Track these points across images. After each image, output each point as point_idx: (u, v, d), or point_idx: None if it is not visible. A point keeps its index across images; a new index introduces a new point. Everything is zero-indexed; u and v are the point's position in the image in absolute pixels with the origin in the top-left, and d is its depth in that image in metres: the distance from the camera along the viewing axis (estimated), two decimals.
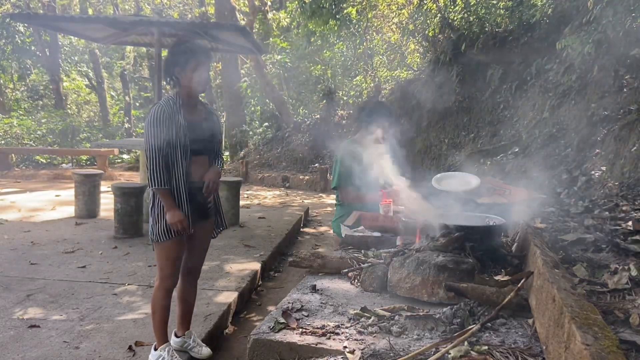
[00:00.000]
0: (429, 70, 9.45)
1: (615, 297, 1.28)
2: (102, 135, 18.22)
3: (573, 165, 4.64)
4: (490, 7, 7.99)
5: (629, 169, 3.66)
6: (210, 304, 3.65)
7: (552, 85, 6.02)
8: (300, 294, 1.63)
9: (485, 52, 7.75)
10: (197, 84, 2.63)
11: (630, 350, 0.97)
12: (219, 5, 13.73)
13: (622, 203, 2.47)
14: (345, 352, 1.20)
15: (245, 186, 10.61)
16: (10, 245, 5.12)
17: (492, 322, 1.35)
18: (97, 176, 6.90)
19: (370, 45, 11.67)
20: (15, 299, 3.65)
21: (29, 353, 2.83)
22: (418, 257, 1.64)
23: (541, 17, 6.73)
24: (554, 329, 1.06)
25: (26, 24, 15.80)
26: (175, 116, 2.57)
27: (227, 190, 6.28)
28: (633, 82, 4.62)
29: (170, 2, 21.31)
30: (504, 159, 6.04)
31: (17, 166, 12.83)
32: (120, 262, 4.67)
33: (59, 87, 18.26)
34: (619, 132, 4.15)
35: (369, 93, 11.81)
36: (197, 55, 2.59)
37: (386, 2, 11.06)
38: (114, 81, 23.80)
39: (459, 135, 8.04)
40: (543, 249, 1.54)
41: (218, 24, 9.08)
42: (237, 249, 5.22)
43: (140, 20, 6.24)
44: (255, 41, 8.09)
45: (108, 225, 5.97)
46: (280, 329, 1.33)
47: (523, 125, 6.38)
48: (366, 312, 1.44)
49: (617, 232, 1.85)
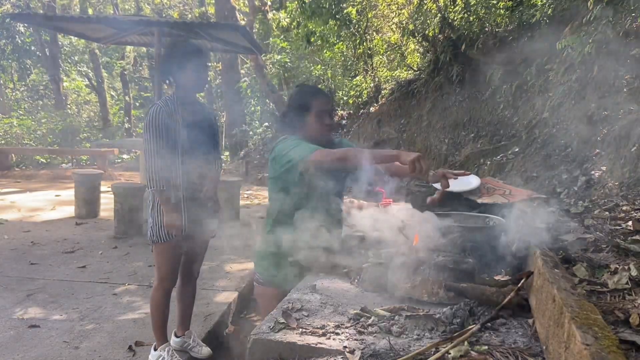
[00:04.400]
0: (429, 70, 9.45)
1: (615, 297, 1.28)
2: (102, 135, 18.23)
3: (573, 165, 4.64)
4: (490, 7, 7.98)
5: (629, 169, 3.66)
6: (210, 304, 3.66)
7: (552, 85, 6.02)
8: (300, 294, 1.63)
9: (485, 52, 7.75)
10: (194, 84, 2.63)
11: (630, 350, 0.97)
12: (219, 5, 13.74)
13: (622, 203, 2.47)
14: (345, 352, 1.20)
15: (245, 186, 10.61)
16: (10, 245, 5.12)
17: (492, 322, 1.35)
18: (97, 176, 6.90)
19: (370, 45, 11.66)
20: (15, 299, 3.65)
21: (29, 353, 2.83)
22: (418, 257, 1.64)
23: (541, 17, 6.72)
24: (554, 329, 1.06)
25: (26, 24, 15.81)
26: (174, 117, 2.57)
27: (227, 190, 6.28)
28: (633, 82, 4.62)
29: (170, 2, 21.30)
30: (504, 159, 6.03)
31: (17, 166, 12.83)
32: (120, 262, 4.67)
33: (59, 87, 18.28)
34: (619, 132, 4.15)
35: (369, 93, 11.81)
36: (193, 55, 2.59)
37: (386, 2, 11.05)
38: (114, 81, 23.80)
39: (459, 135, 8.04)
40: (543, 249, 1.54)
41: (218, 24, 9.09)
42: (237, 249, 5.22)
43: (140, 20, 6.24)
44: (255, 41, 8.09)
45: (108, 225, 5.97)
46: (280, 329, 1.33)
47: (523, 125, 6.38)
48: (366, 312, 1.44)
49: (617, 232, 1.85)
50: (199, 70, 2.60)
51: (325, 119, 2.19)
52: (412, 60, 11.05)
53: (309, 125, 2.18)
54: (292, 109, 2.25)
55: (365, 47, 11.59)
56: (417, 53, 11.04)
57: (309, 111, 2.17)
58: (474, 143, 7.43)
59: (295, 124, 2.21)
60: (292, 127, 2.21)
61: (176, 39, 5.62)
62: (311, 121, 2.17)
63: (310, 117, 2.17)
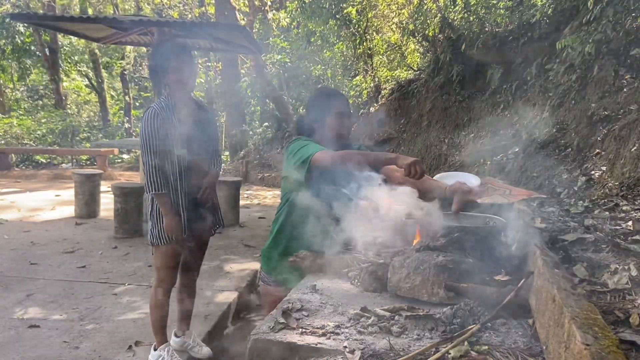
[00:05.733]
0: (429, 70, 9.45)
1: (615, 297, 1.28)
2: (102, 135, 18.23)
3: (573, 165, 4.64)
4: (490, 7, 7.99)
5: (629, 169, 3.66)
6: (210, 304, 3.66)
7: (552, 85, 6.02)
8: (300, 294, 1.63)
9: (485, 52, 7.75)
10: (183, 83, 2.61)
11: (630, 350, 0.97)
12: (219, 5, 13.74)
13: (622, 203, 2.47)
14: (345, 352, 1.20)
15: (245, 186, 10.61)
16: (10, 245, 5.12)
17: (492, 322, 1.35)
18: (97, 176, 6.90)
19: (370, 45, 11.66)
20: (15, 299, 3.65)
21: (29, 353, 2.83)
22: (418, 257, 1.64)
23: (541, 17, 6.73)
24: (554, 329, 1.06)
25: (26, 24, 15.80)
26: (170, 118, 2.56)
27: (227, 190, 6.28)
28: (633, 82, 4.62)
29: (170, 2, 21.29)
30: (504, 159, 6.03)
31: (17, 166, 12.83)
32: (120, 262, 4.67)
33: (59, 87, 18.28)
34: (619, 132, 4.15)
35: (369, 93, 11.81)
36: (177, 54, 2.57)
37: (386, 2, 11.05)
38: (114, 81, 23.81)
39: (459, 135, 8.04)
40: (543, 249, 1.54)
41: (218, 24, 9.09)
42: (237, 249, 5.22)
43: (140, 20, 6.23)
44: (255, 41, 8.09)
45: (108, 225, 5.97)
46: (280, 329, 1.33)
47: (523, 125, 6.38)
48: (366, 312, 1.44)
49: (617, 232, 1.85)
50: (183, 68, 2.57)
51: (343, 121, 2.22)
52: (412, 60, 11.05)
53: (328, 127, 2.21)
54: (310, 110, 2.27)
55: (365, 47, 11.59)
56: (417, 53, 11.05)
57: (327, 113, 2.21)
58: (474, 143, 7.43)
59: (313, 126, 2.24)
60: (310, 127, 2.25)
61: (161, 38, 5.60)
62: (329, 122, 2.20)
63: (328, 118, 2.20)
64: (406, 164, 1.82)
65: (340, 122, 2.21)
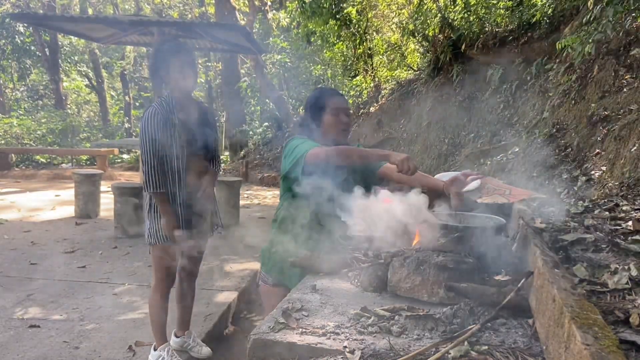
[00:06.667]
0: (429, 70, 9.45)
1: (615, 297, 1.28)
2: (102, 135, 18.24)
3: (573, 165, 4.64)
4: (490, 7, 7.99)
5: (629, 169, 3.66)
6: (210, 304, 3.65)
7: (552, 85, 6.02)
8: (300, 294, 1.63)
9: (485, 52, 7.75)
10: (184, 83, 2.61)
11: (630, 350, 0.96)
12: (219, 5, 13.74)
13: (622, 203, 2.47)
14: (345, 352, 1.20)
15: (245, 186, 10.62)
16: (10, 245, 5.12)
17: (492, 322, 1.35)
18: (97, 176, 6.91)
19: (370, 45, 11.67)
20: (15, 299, 3.65)
21: (29, 353, 2.83)
22: (418, 257, 1.64)
23: (541, 17, 6.73)
24: (554, 329, 1.06)
25: (26, 24, 15.81)
26: (170, 118, 2.56)
27: (227, 190, 6.28)
28: (633, 82, 4.62)
29: (170, 2, 21.29)
30: (504, 159, 6.03)
31: (17, 166, 12.84)
32: (120, 262, 4.67)
33: (59, 87, 18.29)
34: (619, 132, 4.15)
35: (369, 93, 11.81)
36: (178, 54, 2.57)
37: (386, 2, 11.06)
38: (114, 81, 23.82)
39: (459, 135, 8.04)
40: (543, 249, 1.54)
41: (218, 24, 9.09)
42: (237, 249, 5.22)
43: (140, 20, 6.24)
44: (255, 41, 8.10)
45: (108, 225, 5.97)
46: (280, 329, 1.33)
47: (523, 125, 6.38)
48: (366, 312, 1.44)
49: (617, 232, 1.85)
50: (184, 68, 2.57)
51: (341, 117, 2.23)
52: (412, 60, 11.05)
53: (326, 124, 2.22)
54: (308, 109, 2.29)
55: (365, 47, 11.60)
56: (417, 53, 11.05)
57: (325, 110, 2.22)
58: (474, 143, 7.44)
59: (312, 124, 2.25)
60: (309, 127, 2.26)
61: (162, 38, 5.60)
62: (327, 120, 2.22)
63: (326, 116, 2.22)
64: (399, 160, 1.85)
65: (337, 118, 2.22)
